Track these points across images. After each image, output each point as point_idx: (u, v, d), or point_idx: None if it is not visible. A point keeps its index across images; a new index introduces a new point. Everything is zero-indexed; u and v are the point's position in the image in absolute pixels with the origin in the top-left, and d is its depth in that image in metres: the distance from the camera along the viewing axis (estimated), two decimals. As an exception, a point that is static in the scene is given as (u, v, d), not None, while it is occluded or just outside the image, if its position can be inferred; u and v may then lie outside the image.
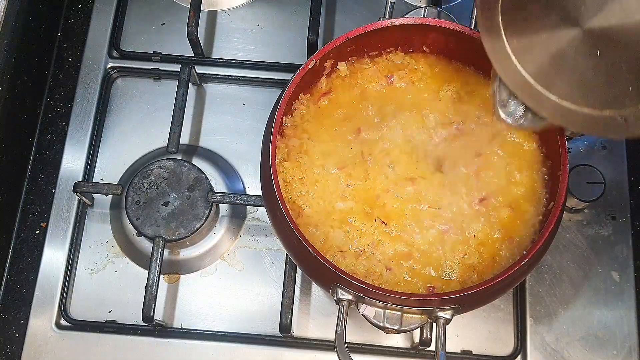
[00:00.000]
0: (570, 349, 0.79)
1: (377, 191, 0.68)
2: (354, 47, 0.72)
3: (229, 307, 0.82)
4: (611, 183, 0.83)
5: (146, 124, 0.89)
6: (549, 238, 0.62)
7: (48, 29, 0.93)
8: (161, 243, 0.78)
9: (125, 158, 0.88)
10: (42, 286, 0.82)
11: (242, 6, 0.95)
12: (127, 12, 0.94)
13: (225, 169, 0.87)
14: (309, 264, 0.63)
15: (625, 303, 0.80)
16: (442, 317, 0.60)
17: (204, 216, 0.80)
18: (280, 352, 0.79)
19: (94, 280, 0.83)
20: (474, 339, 0.80)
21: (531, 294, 0.81)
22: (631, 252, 0.82)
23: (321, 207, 0.67)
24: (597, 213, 0.83)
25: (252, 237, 0.84)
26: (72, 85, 0.92)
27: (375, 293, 0.59)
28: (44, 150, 0.90)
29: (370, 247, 0.66)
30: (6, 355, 0.81)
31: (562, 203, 0.63)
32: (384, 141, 0.70)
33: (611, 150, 0.86)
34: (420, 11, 0.72)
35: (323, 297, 0.82)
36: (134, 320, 0.80)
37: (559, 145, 0.64)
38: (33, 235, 0.86)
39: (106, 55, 0.92)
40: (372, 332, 0.79)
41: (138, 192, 0.81)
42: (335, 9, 0.94)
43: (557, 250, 0.82)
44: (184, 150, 0.87)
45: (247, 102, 0.90)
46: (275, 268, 0.83)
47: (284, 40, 0.93)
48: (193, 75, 0.88)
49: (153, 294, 0.76)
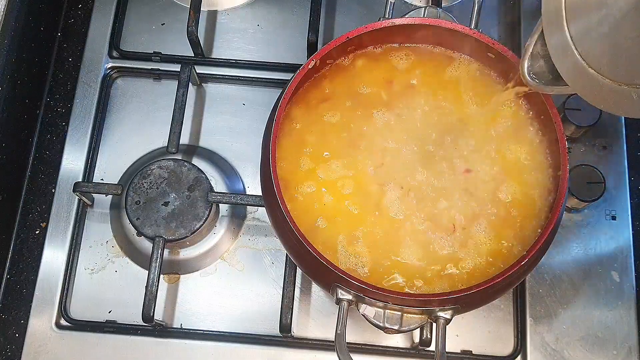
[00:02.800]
0: (570, 349, 0.79)
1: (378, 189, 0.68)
2: (354, 47, 0.72)
3: (229, 307, 0.82)
4: (611, 183, 0.83)
5: (146, 124, 0.89)
6: (549, 238, 0.62)
7: (48, 29, 0.93)
8: (161, 243, 0.78)
9: (125, 158, 0.88)
10: (42, 286, 0.82)
11: (242, 6, 0.95)
12: (127, 12, 0.94)
13: (225, 169, 0.87)
14: (309, 264, 0.63)
15: (625, 303, 0.80)
16: (442, 317, 0.60)
17: (204, 216, 0.80)
18: (280, 352, 0.79)
19: (94, 280, 0.83)
20: (474, 339, 0.80)
21: (531, 294, 0.81)
22: (631, 252, 0.82)
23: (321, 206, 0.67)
24: (597, 213, 0.83)
25: (252, 237, 0.84)
26: (72, 85, 0.92)
27: (375, 293, 0.59)
28: (44, 150, 0.90)
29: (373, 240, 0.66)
30: (6, 355, 0.81)
31: (562, 203, 0.63)
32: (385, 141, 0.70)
33: (611, 150, 0.86)
34: (420, 11, 0.72)
35: (323, 297, 0.82)
36: (134, 320, 0.80)
37: (559, 145, 0.64)
38: (33, 235, 0.86)
39: (106, 55, 0.91)
40: (372, 332, 0.79)
41: (138, 192, 0.81)
42: (335, 9, 0.94)
43: (557, 250, 0.82)
44: (184, 150, 0.87)
45: (247, 102, 0.90)
46: (275, 268, 0.83)
47: (284, 40, 0.93)
48: (193, 75, 0.88)
49: (153, 294, 0.76)
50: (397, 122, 0.71)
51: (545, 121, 0.68)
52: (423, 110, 0.71)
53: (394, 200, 0.68)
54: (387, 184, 0.68)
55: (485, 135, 0.70)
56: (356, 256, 0.66)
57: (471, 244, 0.66)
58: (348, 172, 0.69)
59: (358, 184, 0.68)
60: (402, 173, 0.69)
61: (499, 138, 0.70)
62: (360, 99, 0.72)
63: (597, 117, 0.82)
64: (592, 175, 0.81)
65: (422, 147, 0.70)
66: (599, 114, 0.82)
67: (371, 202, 0.68)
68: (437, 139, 0.70)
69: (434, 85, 0.72)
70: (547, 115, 0.66)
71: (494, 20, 0.93)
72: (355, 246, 0.66)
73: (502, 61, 0.69)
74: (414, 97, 0.72)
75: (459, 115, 0.71)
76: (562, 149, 0.64)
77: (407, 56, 0.73)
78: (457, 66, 0.73)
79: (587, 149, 0.86)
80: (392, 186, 0.68)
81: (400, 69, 0.73)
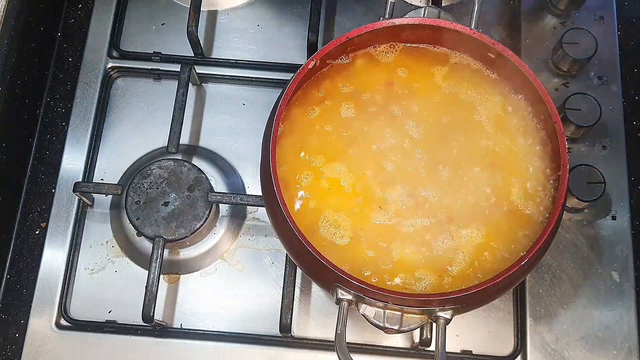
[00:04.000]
0: (570, 349, 0.79)
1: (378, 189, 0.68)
2: (354, 47, 0.72)
3: (229, 307, 0.82)
4: (611, 183, 0.83)
5: (146, 124, 0.89)
6: (549, 238, 0.62)
7: (48, 29, 0.93)
8: (161, 243, 0.78)
9: (125, 158, 0.88)
10: (42, 286, 0.82)
11: (242, 6, 0.95)
12: (127, 12, 0.94)
13: (225, 169, 0.87)
14: (309, 264, 0.63)
15: (625, 303, 0.80)
16: (442, 317, 0.60)
17: (204, 216, 0.80)
18: (280, 352, 0.79)
19: (94, 280, 0.83)
20: (474, 339, 0.80)
21: (531, 294, 0.81)
22: (631, 252, 0.82)
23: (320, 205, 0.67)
24: (597, 213, 0.83)
25: (252, 237, 0.84)
26: (72, 85, 0.92)
27: (375, 293, 0.59)
28: (44, 150, 0.90)
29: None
30: (6, 355, 0.81)
31: (562, 203, 0.63)
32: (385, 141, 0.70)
33: (611, 150, 0.86)
34: (420, 11, 0.72)
35: (323, 297, 0.82)
36: (134, 320, 0.80)
37: (559, 145, 0.64)
38: (33, 235, 0.86)
39: (106, 55, 0.91)
40: (372, 332, 0.79)
41: (138, 192, 0.81)
42: (335, 9, 0.94)
43: (557, 250, 0.82)
44: (184, 150, 0.87)
45: (247, 102, 0.90)
46: (275, 268, 0.83)
47: (284, 40, 0.93)
48: (193, 75, 0.88)
49: (153, 294, 0.76)
50: (397, 122, 0.71)
51: (545, 121, 0.68)
52: (423, 111, 0.71)
53: (395, 201, 0.67)
54: (387, 184, 0.68)
55: (485, 136, 0.70)
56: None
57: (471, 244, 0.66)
58: (348, 172, 0.69)
59: (358, 183, 0.68)
60: (403, 174, 0.69)
61: (499, 138, 0.70)
62: (361, 99, 0.72)
63: (597, 117, 0.82)
64: (592, 175, 0.81)
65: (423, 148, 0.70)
66: (599, 114, 0.82)
67: (371, 202, 0.68)
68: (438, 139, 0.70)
69: (433, 86, 0.72)
70: (547, 115, 0.66)
71: (494, 20, 0.93)
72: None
73: (502, 61, 0.69)
74: (414, 97, 0.72)
75: (459, 115, 0.71)
76: (562, 149, 0.64)
77: (407, 56, 0.73)
78: (457, 66, 0.73)
79: (587, 149, 0.86)
80: (393, 187, 0.68)
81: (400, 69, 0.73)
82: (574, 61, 0.86)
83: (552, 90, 0.88)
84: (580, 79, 0.88)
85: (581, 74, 0.88)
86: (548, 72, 0.89)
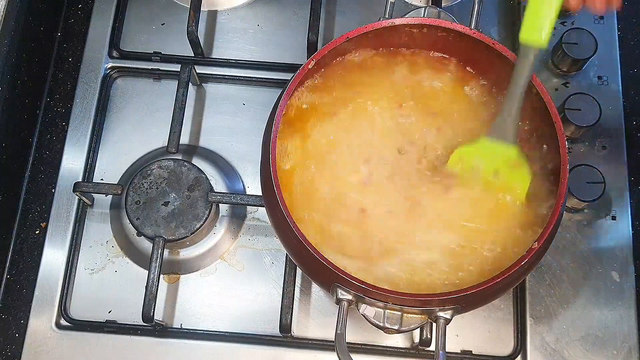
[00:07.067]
0: (570, 349, 0.79)
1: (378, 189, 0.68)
2: (353, 47, 0.72)
3: (229, 307, 0.82)
4: (611, 183, 0.83)
5: (146, 124, 0.89)
6: (549, 238, 0.62)
7: (48, 29, 0.93)
8: (161, 243, 0.78)
9: (125, 158, 0.88)
10: (42, 286, 0.82)
11: (242, 6, 0.95)
12: (127, 12, 0.94)
13: (225, 169, 0.87)
14: (309, 264, 0.63)
15: (625, 303, 0.80)
16: (442, 317, 0.60)
17: (204, 216, 0.80)
18: (280, 352, 0.79)
19: (94, 280, 0.83)
20: (474, 339, 0.80)
21: (531, 294, 0.81)
22: (631, 252, 0.82)
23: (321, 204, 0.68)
24: (597, 213, 0.83)
25: (252, 237, 0.84)
26: (72, 85, 0.92)
27: (375, 293, 0.59)
28: (44, 150, 0.90)
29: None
30: (6, 355, 0.81)
31: (562, 203, 0.63)
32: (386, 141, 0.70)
33: (611, 150, 0.86)
34: (420, 11, 0.72)
35: (323, 297, 0.82)
36: (134, 320, 0.80)
37: (559, 145, 0.64)
38: (33, 235, 0.86)
39: (106, 55, 0.91)
40: (372, 332, 0.79)
41: (138, 192, 0.81)
42: (335, 9, 0.94)
43: (557, 250, 0.82)
44: (184, 150, 0.87)
45: (247, 102, 0.90)
46: (275, 268, 0.83)
47: (284, 40, 0.93)
48: (193, 75, 0.88)
49: (153, 294, 0.76)
50: (397, 123, 0.71)
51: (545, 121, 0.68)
52: (424, 111, 0.71)
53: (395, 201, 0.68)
54: (388, 184, 0.68)
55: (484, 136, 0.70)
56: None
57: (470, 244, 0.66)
58: (348, 172, 0.69)
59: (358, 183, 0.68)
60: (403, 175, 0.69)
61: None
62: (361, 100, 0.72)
63: (597, 117, 0.82)
64: (592, 175, 0.81)
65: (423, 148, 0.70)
66: (599, 114, 0.82)
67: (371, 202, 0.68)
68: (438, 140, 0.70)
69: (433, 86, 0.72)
70: (547, 115, 0.66)
71: (494, 20, 0.93)
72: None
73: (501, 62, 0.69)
74: (414, 97, 0.72)
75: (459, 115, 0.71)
76: (562, 149, 0.64)
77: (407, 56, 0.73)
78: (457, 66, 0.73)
79: (587, 149, 0.86)
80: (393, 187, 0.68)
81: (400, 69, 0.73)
82: (574, 61, 0.86)
83: (552, 90, 0.88)
84: (580, 79, 0.88)
85: (581, 74, 0.88)
86: (548, 72, 0.89)
